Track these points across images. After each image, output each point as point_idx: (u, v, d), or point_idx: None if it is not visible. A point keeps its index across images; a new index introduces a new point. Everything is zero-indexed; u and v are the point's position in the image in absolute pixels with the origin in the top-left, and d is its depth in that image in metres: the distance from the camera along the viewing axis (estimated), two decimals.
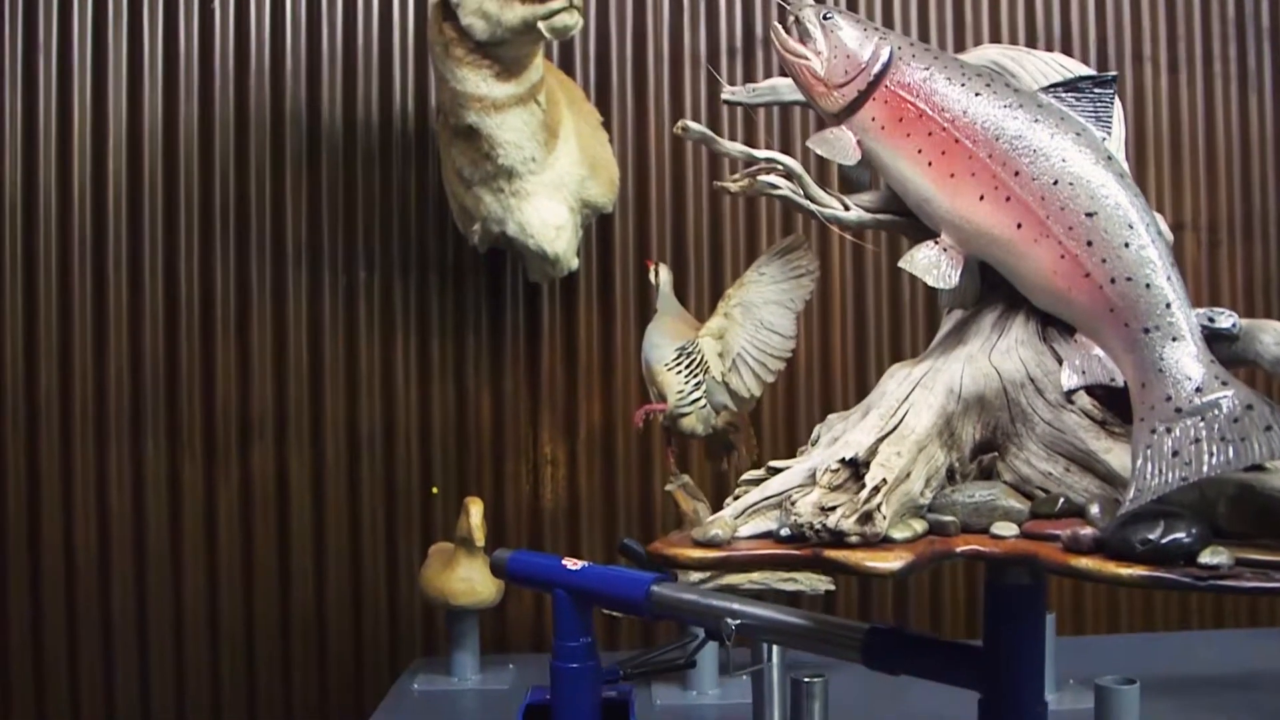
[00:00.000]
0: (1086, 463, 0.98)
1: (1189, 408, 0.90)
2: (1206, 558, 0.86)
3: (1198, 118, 2.18)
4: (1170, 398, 0.91)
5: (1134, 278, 0.96)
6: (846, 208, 1.12)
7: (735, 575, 1.66)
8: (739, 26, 2.11)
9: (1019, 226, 1.01)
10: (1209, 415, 0.89)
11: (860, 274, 2.08)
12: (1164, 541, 0.87)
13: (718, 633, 1.20)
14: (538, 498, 2.06)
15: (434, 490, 2.03)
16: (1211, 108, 2.18)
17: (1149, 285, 0.95)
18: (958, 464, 1.03)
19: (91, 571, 2.00)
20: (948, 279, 1.04)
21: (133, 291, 2.01)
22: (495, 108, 1.74)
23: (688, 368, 1.62)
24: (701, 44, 2.09)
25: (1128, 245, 0.97)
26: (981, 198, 1.03)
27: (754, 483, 1.03)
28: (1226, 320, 0.96)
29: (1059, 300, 1.00)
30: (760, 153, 1.11)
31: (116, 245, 2.01)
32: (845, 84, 1.10)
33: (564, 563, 1.34)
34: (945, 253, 1.05)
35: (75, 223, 2.01)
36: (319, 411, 2.03)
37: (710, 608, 1.19)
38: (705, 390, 1.62)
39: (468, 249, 1.97)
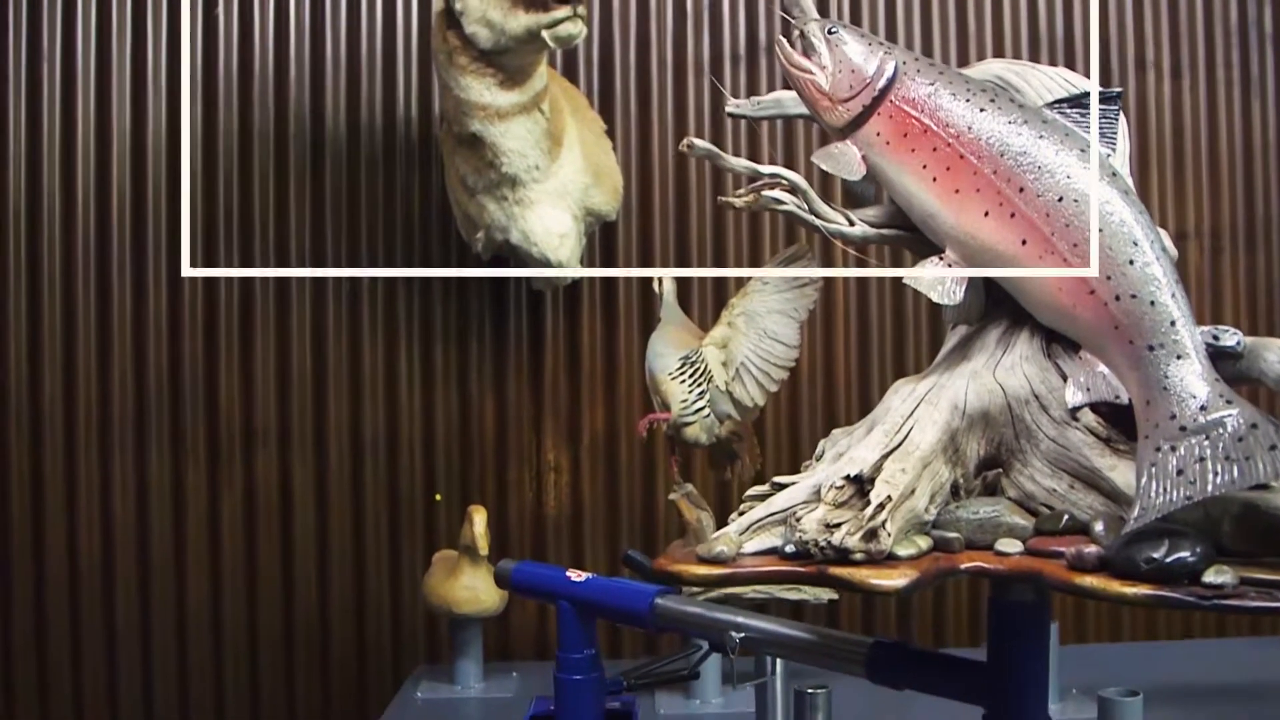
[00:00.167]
0: (1091, 480, 0.99)
1: (1194, 426, 0.90)
2: (1211, 577, 0.86)
3: (1200, 124, 2.18)
4: (1175, 416, 0.91)
5: (1139, 295, 0.96)
6: (851, 223, 1.12)
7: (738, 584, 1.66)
8: (742, 34, 2.10)
9: (1024, 243, 1.01)
10: (1214, 434, 0.89)
11: (863, 284, 2.08)
12: (1168, 560, 0.87)
13: (721, 644, 1.21)
14: (541, 505, 2.06)
15: (437, 497, 2.03)
16: (1214, 114, 2.18)
17: (1154, 302, 0.95)
18: (962, 480, 1.03)
19: (95, 578, 2.00)
20: (952, 296, 1.04)
21: (136, 298, 2.02)
22: (499, 116, 1.74)
23: (691, 377, 1.62)
24: (705, 51, 2.09)
25: (1132, 262, 0.97)
26: (986, 214, 1.03)
27: (759, 498, 1.03)
28: (1231, 338, 0.96)
29: (1064, 317, 1.00)
30: (765, 168, 1.10)
31: (120, 251, 2.02)
32: (850, 99, 1.10)
33: (568, 574, 1.34)
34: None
35: (79, 229, 2.01)
36: (322, 418, 2.04)
37: (714, 621, 1.20)
38: (709, 399, 1.62)
39: (471, 256, 1.97)
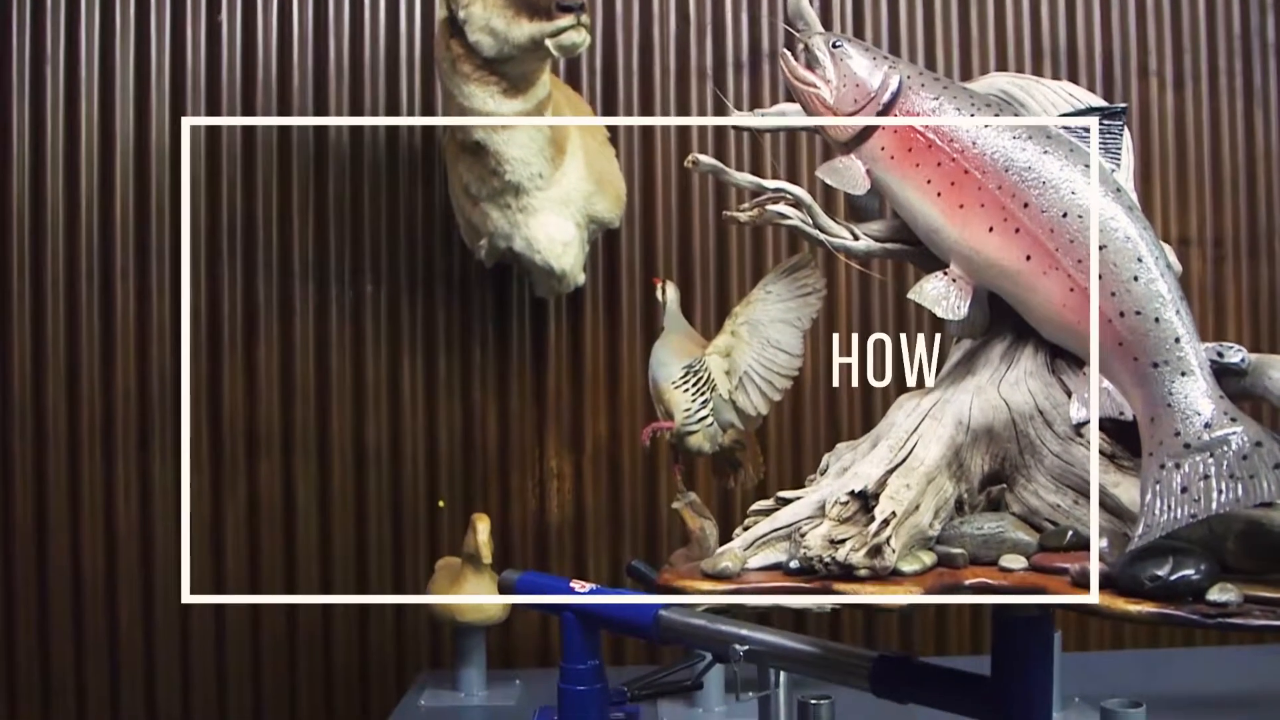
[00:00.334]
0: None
1: (1198, 444, 0.90)
2: (1215, 595, 0.86)
3: (1203, 133, 2.18)
4: (1179, 433, 0.91)
5: (1143, 311, 0.96)
6: (855, 237, 1.12)
7: None
8: (745, 41, 2.10)
9: (1028, 258, 1.01)
10: (1218, 452, 0.90)
11: (866, 293, 2.08)
12: (1172, 578, 0.87)
13: (725, 657, 1.21)
14: (544, 512, 2.06)
15: (440, 503, 2.04)
16: (1217, 123, 2.18)
17: (1158, 319, 0.95)
18: (966, 495, 1.03)
19: (98, 584, 2.00)
20: (957, 310, 1.04)
21: (140, 306, 2.02)
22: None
23: (695, 386, 1.62)
24: (708, 59, 2.09)
25: (1137, 279, 0.97)
26: (991, 229, 1.03)
27: (763, 513, 1.03)
28: (1235, 355, 0.96)
29: (1068, 333, 1.00)
30: (769, 183, 1.11)
31: (124, 259, 2.02)
32: (854, 113, 1.10)
33: (572, 585, 1.34)
34: (954, 284, 1.05)
35: (82, 237, 2.01)
36: (325, 426, 2.04)
37: (719, 633, 1.20)
38: (712, 408, 1.62)
39: (474, 264, 1.97)
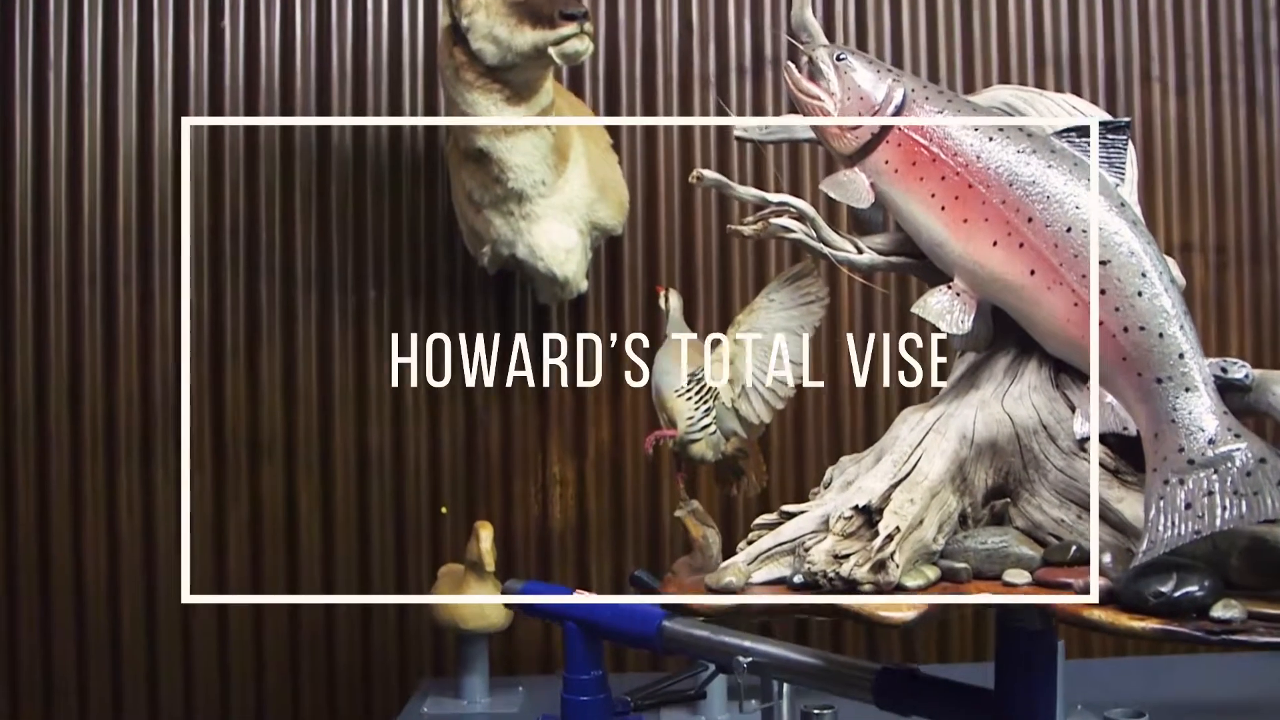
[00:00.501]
0: (1099, 511, 0.99)
1: (1202, 460, 0.90)
2: (1219, 611, 0.87)
3: (1206, 139, 2.18)
4: (1183, 449, 0.91)
5: (1147, 327, 0.96)
6: (859, 250, 1.12)
7: None
8: (748, 47, 2.10)
9: (1032, 273, 1.01)
10: (1222, 468, 0.90)
11: (869, 303, 2.08)
12: (1176, 595, 0.88)
13: (729, 668, 1.21)
14: (546, 518, 2.06)
15: (443, 510, 2.04)
16: (1220, 129, 2.18)
17: (1162, 335, 0.95)
18: (970, 509, 1.03)
19: (100, 589, 2.01)
20: (961, 325, 1.04)
21: (142, 312, 2.02)
22: (505, 131, 1.74)
23: (698, 394, 1.62)
24: (711, 65, 2.09)
25: (1141, 294, 0.97)
26: (995, 243, 1.03)
27: (767, 527, 1.03)
28: (1239, 370, 0.96)
29: (1072, 348, 1.00)
30: (773, 196, 1.11)
31: (126, 266, 2.02)
32: (858, 126, 1.11)
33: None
34: (958, 298, 1.05)
35: (85, 244, 2.01)
36: (328, 432, 2.04)
37: (722, 644, 1.21)
38: (715, 417, 1.62)
39: (477, 270, 1.97)
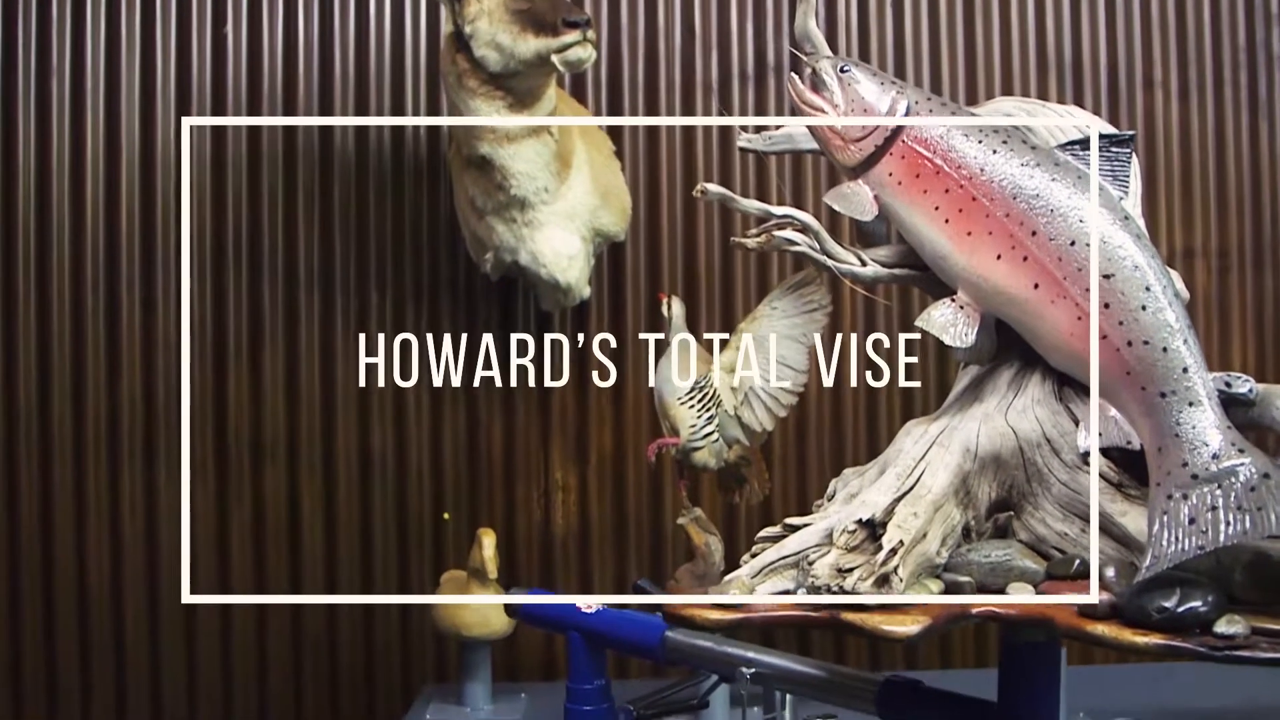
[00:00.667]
0: (1103, 525, 0.99)
1: (1205, 475, 0.91)
2: (1222, 627, 0.87)
3: (1208, 144, 2.17)
4: (1187, 464, 0.92)
5: (1151, 341, 0.96)
6: (863, 263, 1.12)
7: None
8: (750, 53, 2.10)
9: (1036, 287, 1.01)
10: (1226, 483, 0.90)
11: (871, 311, 2.08)
12: (1180, 610, 0.88)
13: (732, 678, 1.21)
14: (548, 524, 2.06)
15: (445, 516, 2.04)
16: (1222, 134, 2.18)
17: (1166, 349, 0.96)
18: (973, 523, 1.03)
19: (103, 593, 2.01)
20: (964, 338, 1.04)
21: (145, 316, 2.02)
22: (508, 138, 1.74)
23: (700, 402, 1.62)
24: (714, 71, 2.09)
25: (1145, 308, 0.97)
26: (999, 257, 1.03)
27: (771, 540, 1.04)
28: (1243, 385, 0.96)
29: (1075, 361, 1.00)
30: (777, 209, 1.11)
31: (129, 269, 2.01)
32: (862, 138, 1.11)
33: (579, 606, 1.35)
34: (962, 310, 1.05)
35: (88, 248, 2.01)
36: (330, 436, 2.04)
37: (725, 655, 1.20)
38: (718, 424, 1.63)
39: (480, 276, 1.97)
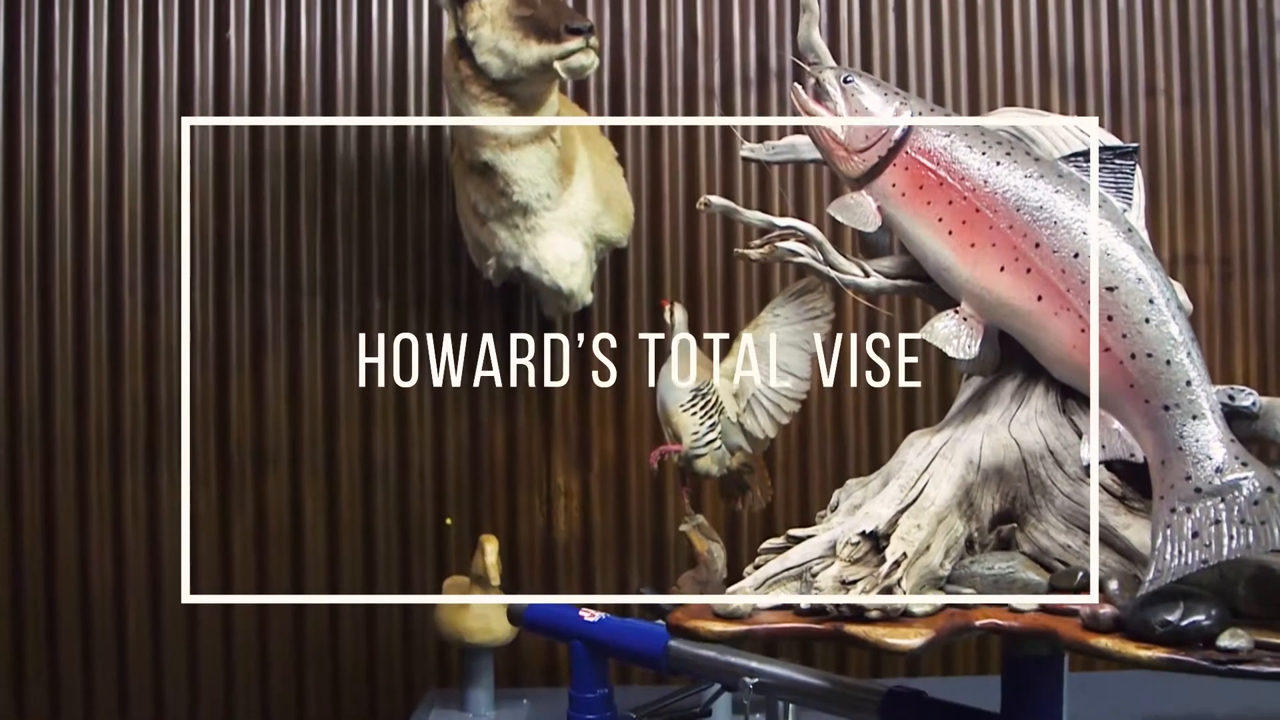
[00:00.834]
0: (1105, 537, 0.99)
1: (1209, 488, 0.91)
2: (1226, 641, 0.87)
3: (1211, 150, 2.17)
4: (1190, 477, 0.92)
5: (1154, 354, 0.96)
6: (866, 274, 1.12)
7: None
8: (753, 58, 2.11)
9: (1039, 299, 1.01)
10: (1229, 496, 0.90)
11: (873, 318, 2.08)
12: (1183, 624, 0.88)
13: (734, 688, 1.21)
14: (551, 529, 2.06)
15: (448, 521, 2.04)
16: (1225, 141, 2.18)
17: (1169, 362, 0.95)
18: (976, 534, 1.03)
19: (106, 598, 2.01)
20: (967, 349, 1.04)
21: (148, 322, 2.02)
22: (511, 145, 1.74)
23: (702, 409, 1.62)
24: (716, 77, 2.09)
25: (1148, 321, 0.97)
26: (1002, 269, 1.03)
27: (774, 551, 1.03)
28: (1247, 399, 0.96)
29: (1079, 373, 1.00)
30: (780, 220, 1.11)
31: (131, 275, 2.02)
32: (866, 149, 1.10)
33: (582, 614, 1.35)
34: (965, 322, 1.05)
35: (90, 253, 2.01)
36: (333, 442, 2.04)
37: (728, 665, 1.21)
38: (720, 431, 1.63)
39: (482, 282, 1.97)
